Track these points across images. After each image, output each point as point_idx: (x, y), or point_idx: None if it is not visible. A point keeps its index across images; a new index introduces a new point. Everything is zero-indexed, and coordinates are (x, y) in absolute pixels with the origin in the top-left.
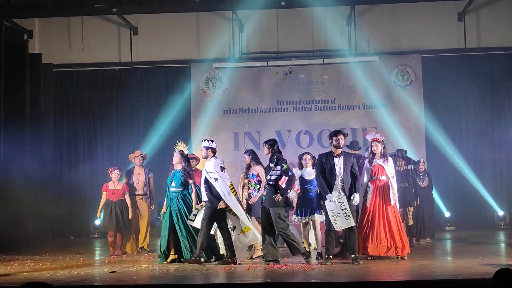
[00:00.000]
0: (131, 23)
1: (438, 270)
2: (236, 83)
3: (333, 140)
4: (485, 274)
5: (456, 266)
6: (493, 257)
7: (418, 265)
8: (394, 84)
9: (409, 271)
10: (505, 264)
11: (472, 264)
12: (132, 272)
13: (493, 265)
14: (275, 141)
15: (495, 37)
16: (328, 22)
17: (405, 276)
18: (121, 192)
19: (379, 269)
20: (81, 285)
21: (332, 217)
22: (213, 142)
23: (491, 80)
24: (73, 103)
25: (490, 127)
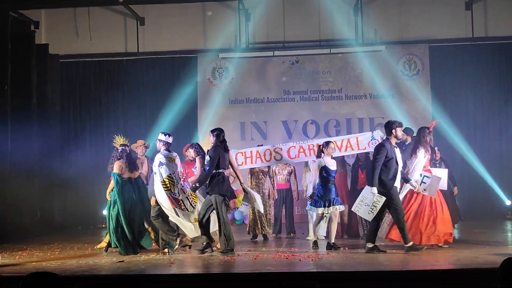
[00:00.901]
0: (137, 14)
1: (444, 259)
2: (243, 73)
3: (397, 131)
4: (492, 263)
5: (463, 256)
6: (500, 246)
7: (425, 255)
8: (401, 74)
9: (415, 261)
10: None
11: (479, 253)
12: (140, 262)
13: (500, 255)
14: (221, 131)
15: (503, 26)
16: (335, 11)
17: (411, 265)
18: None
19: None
20: (89, 275)
21: (359, 201)
22: (169, 137)
23: (499, 70)
24: (80, 93)
25: (498, 117)
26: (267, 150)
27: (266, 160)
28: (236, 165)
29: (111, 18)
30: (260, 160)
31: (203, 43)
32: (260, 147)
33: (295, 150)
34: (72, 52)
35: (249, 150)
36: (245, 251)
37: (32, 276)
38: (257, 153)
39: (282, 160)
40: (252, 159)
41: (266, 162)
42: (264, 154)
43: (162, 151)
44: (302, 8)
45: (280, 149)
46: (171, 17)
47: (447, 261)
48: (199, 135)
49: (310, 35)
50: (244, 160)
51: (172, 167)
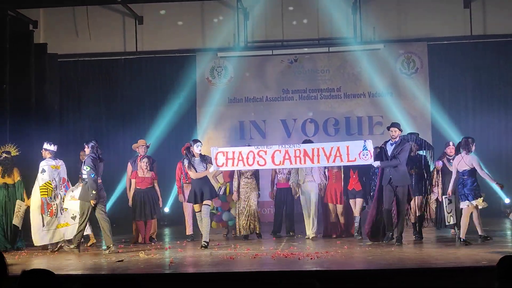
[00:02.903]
0: (136, 13)
1: (443, 257)
2: (241, 72)
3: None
4: (491, 261)
5: (462, 254)
6: (498, 244)
7: (425, 253)
8: (399, 72)
9: (414, 259)
10: (510, 251)
11: (478, 251)
12: (139, 261)
13: (498, 253)
14: (96, 143)
15: (501, 24)
16: (333, 10)
17: (410, 263)
18: (150, 180)
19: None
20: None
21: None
22: (53, 146)
23: (497, 68)
24: (79, 92)
25: (496, 115)
26: (251, 152)
27: (249, 164)
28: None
29: (109, 17)
30: (242, 163)
31: (201, 42)
32: (244, 148)
33: (280, 156)
34: (71, 51)
35: (231, 151)
36: (245, 250)
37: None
38: (240, 155)
39: (265, 165)
40: (234, 161)
41: (248, 166)
42: (247, 157)
43: (47, 159)
44: (300, 7)
45: (264, 153)
46: (169, 16)
47: (446, 259)
48: (198, 134)
49: (308, 34)
50: (225, 161)
51: (53, 173)
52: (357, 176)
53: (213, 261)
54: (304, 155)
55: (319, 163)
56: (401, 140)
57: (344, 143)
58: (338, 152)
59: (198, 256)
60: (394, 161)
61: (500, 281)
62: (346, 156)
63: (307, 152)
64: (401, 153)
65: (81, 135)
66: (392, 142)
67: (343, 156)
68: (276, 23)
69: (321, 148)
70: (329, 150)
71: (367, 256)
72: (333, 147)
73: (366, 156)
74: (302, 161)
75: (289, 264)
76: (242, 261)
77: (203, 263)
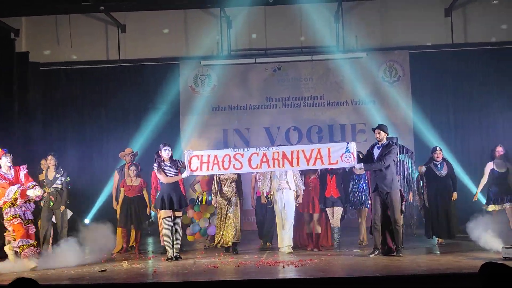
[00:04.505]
0: (118, 21)
1: (427, 264)
2: (225, 80)
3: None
4: (473, 268)
5: (445, 261)
6: (481, 251)
7: (408, 260)
8: (382, 80)
9: (397, 265)
10: (492, 258)
11: (460, 258)
12: (122, 271)
13: (480, 259)
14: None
15: (481, 33)
16: (316, 18)
17: (393, 270)
18: (138, 188)
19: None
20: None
21: None
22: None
23: (478, 75)
24: (62, 100)
25: (477, 122)
26: (226, 155)
27: (224, 167)
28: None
29: (92, 25)
30: (218, 167)
31: (185, 50)
32: (219, 151)
33: (258, 159)
34: (53, 60)
35: (206, 154)
36: (229, 259)
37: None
38: (215, 158)
39: (242, 169)
40: (209, 165)
41: (223, 170)
42: (223, 160)
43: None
44: (283, 15)
45: (241, 156)
46: (152, 25)
47: (429, 265)
48: (182, 142)
49: (292, 42)
50: (199, 165)
51: None
52: (334, 182)
53: (197, 269)
54: (283, 157)
55: (298, 166)
56: (388, 143)
57: (326, 145)
58: (319, 154)
59: (182, 265)
60: (378, 164)
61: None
62: (327, 159)
63: (286, 154)
64: (387, 156)
65: (64, 142)
66: (379, 145)
67: (324, 158)
68: (260, 31)
69: (301, 150)
70: (310, 153)
71: (350, 263)
72: (314, 149)
73: (349, 159)
74: (281, 164)
75: (273, 273)
76: (226, 269)
77: (187, 272)
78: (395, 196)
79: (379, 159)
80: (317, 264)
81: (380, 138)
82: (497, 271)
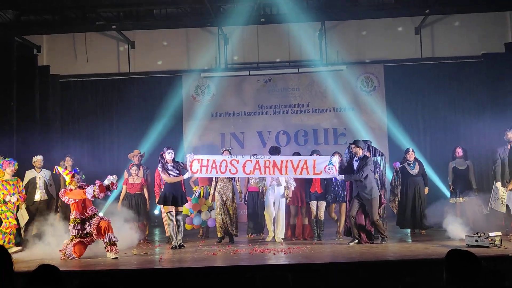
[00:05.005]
0: (128, 38)
1: (399, 251)
2: (222, 90)
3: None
4: (440, 254)
5: (415, 248)
6: (448, 240)
7: (382, 247)
8: (360, 90)
9: (374, 253)
10: (457, 245)
11: (429, 246)
12: (132, 258)
13: (447, 247)
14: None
15: (447, 48)
16: (302, 36)
17: (369, 256)
18: (139, 186)
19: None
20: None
21: (492, 198)
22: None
23: (443, 85)
24: (78, 108)
25: (443, 126)
26: (224, 161)
27: (221, 171)
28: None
29: (105, 42)
30: (215, 170)
31: (187, 64)
32: (218, 156)
33: (251, 165)
34: (71, 72)
35: (205, 159)
36: (226, 247)
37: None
38: (213, 163)
39: (237, 174)
40: (208, 168)
41: (220, 174)
42: (220, 165)
43: None
44: (273, 33)
45: (237, 162)
46: (158, 41)
47: (401, 252)
48: (184, 145)
49: (281, 57)
50: (199, 168)
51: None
52: (319, 179)
53: (198, 257)
54: (273, 166)
55: (287, 174)
56: (364, 155)
57: (311, 157)
58: (305, 165)
59: (185, 253)
60: (357, 175)
61: (448, 272)
62: (312, 169)
63: (276, 163)
64: (364, 168)
65: (80, 145)
66: (356, 158)
67: (309, 169)
68: (252, 47)
69: (290, 160)
70: (297, 163)
71: (333, 251)
72: (301, 160)
73: (331, 170)
74: (271, 171)
75: (265, 259)
76: (223, 257)
77: (189, 259)
78: (374, 202)
79: (357, 171)
80: (304, 252)
81: (356, 152)
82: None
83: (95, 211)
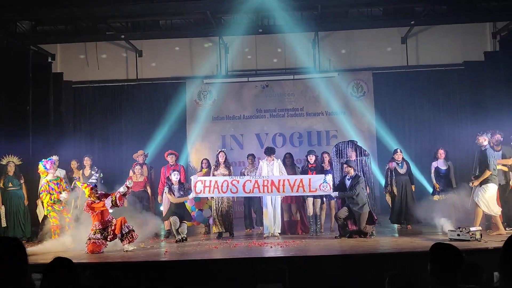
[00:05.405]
0: (136, 47)
1: (387, 244)
2: (223, 95)
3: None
4: (425, 247)
5: (402, 241)
6: (432, 235)
7: (372, 241)
8: (350, 95)
9: (363, 245)
10: (441, 239)
11: (415, 239)
12: (140, 251)
13: (431, 240)
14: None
15: (431, 57)
16: (297, 45)
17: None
18: (142, 184)
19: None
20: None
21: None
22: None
23: (428, 91)
24: (89, 112)
25: (427, 128)
26: (225, 181)
27: (223, 191)
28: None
29: (114, 50)
30: (217, 190)
31: (190, 71)
32: (219, 177)
33: (250, 185)
34: (83, 79)
35: (208, 180)
36: (226, 241)
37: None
38: (216, 183)
39: (237, 193)
40: (210, 189)
41: (222, 194)
42: (222, 185)
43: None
44: (270, 42)
45: (237, 182)
46: (164, 50)
47: (389, 245)
48: (188, 146)
49: (277, 64)
50: (202, 188)
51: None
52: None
53: (200, 249)
54: (271, 184)
55: (284, 192)
56: (356, 174)
57: (307, 176)
58: (301, 183)
59: (189, 246)
60: (350, 193)
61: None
62: (308, 187)
63: (274, 182)
64: (356, 186)
65: (91, 146)
66: (348, 177)
67: (305, 187)
68: (251, 55)
69: (287, 179)
70: (293, 182)
71: (326, 244)
72: (297, 179)
73: (326, 188)
74: (269, 189)
75: (263, 251)
76: (224, 249)
77: (193, 252)
78: (363, 216)
79: (350, 188)
80: (299, 245)
81: (348, 171)
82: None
83: (111, 218)
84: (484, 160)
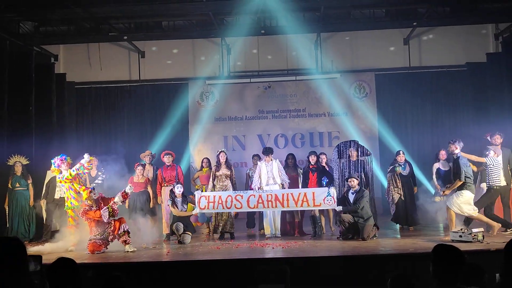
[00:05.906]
0: (139, 48)
1: (390, 245)
2: (225, 96)
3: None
4: (427, 248)
5: (404, 243)
6: (434, 235)
7: (374, 242)
8: (353, 96)
9: (366, 247)
10: (443, 240)
11: (417, 240)
12: (142, 252)
13: (433, 241)
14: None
15: (433, 58)
16: (299, 46)
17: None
18: (143, 185)
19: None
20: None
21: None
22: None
23: (430, 92)
24: (92, 113)
25: (430, 129)
26: (229, 196)
27: (227, 207)
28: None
29: (117, 51)
30: (222, 206)
31: (193, 72)
32: (223, 192)
33: (254, 200)
34: (86, 79)
35: (212, 195)
36: (229, 242)
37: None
38: (220, 199)
39: (242, 208)
40: (214, 204)
41: (226, 209)
42: (226, 200)
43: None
44: (273, 44)
45: (241, 197)
46: (166, 51)
47: (391, 247)
48: (190, 147)
49: (279, 65)
50: (207, 204)
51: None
52: (315, 177)
53: (203, 250)
54: (275, 199)
55: (288, 207)
56: (360, 188)
57: (311, 190)
58: (305, 197)
59: (191, 247)
60: (354, 207)
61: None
62: (312, 201)
63: (278, 197)
64: (360, 200)
65: (94, 147)
66: (352, 190)
67: (309, 201)
68: (253, 57)
69: (291, 193)
70: (297, 196)
71: (327, 245)
72: (301, 193)
73: (330, 201)
74: (274, 204)
75: (264, 252)
76: (227, 250)
77: (195, 252)
78: (368, 227)
79: (354, 202)
80: (301, 246)
81: (353, 185)
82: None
83: (110, 220)
84: (457, 170)
